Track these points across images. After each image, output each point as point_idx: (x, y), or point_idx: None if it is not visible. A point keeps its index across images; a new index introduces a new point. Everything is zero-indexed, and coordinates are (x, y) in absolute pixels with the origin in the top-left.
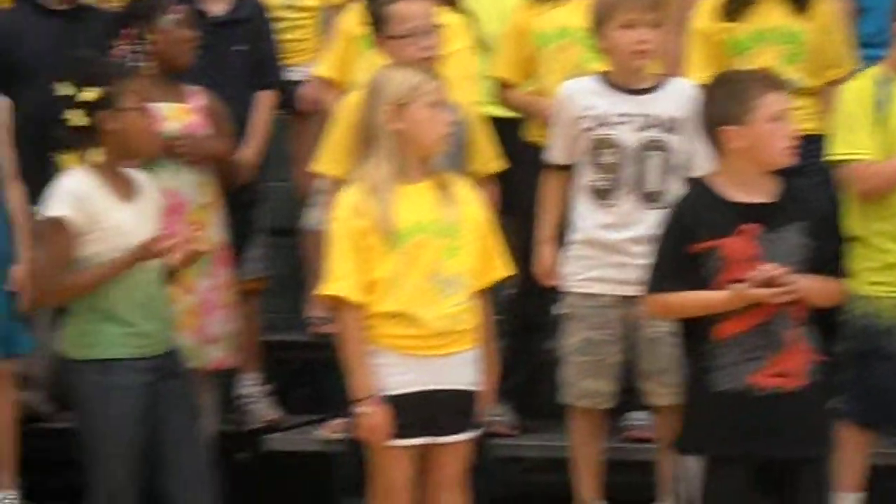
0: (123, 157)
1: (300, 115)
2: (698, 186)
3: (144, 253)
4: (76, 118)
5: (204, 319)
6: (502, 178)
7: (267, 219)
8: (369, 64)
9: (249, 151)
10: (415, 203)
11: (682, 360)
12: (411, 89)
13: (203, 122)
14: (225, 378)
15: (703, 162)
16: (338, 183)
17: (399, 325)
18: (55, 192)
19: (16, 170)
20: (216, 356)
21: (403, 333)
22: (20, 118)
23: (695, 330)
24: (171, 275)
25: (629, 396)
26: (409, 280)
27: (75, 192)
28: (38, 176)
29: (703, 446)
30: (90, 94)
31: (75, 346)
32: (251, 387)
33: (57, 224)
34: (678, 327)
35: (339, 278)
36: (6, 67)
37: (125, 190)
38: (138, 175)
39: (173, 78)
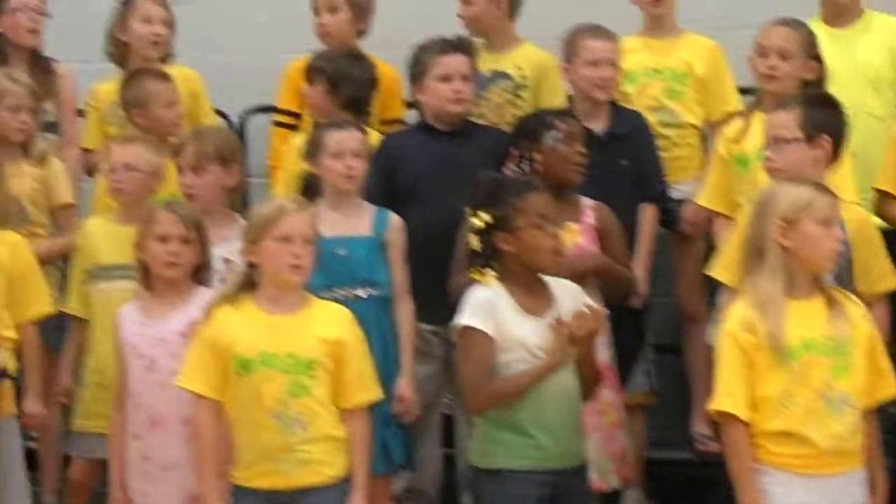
0: (529, 273)
1: (682, 233)
2: None
3: (554, 361)
4: (473, 240)
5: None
6: None
7: (650, 335)
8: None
9: (638, 267)
10: (805, 320)
11: None
12: (803, 205)
13: (591, 241)
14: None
15: None
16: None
17: (788, 444)
18: (466, 303)
19: (407, 286)
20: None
21: (792, 452)
22: (408, 236)
23: None
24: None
25: None
26: (799, 399)
27: (483, 302)
28: (425, 292)
29: None
30: (485, 216)
31: (477, 454)
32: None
33: (469, 332)
34: None
35: (727, 394)
36: (395, 187)
37: (537, 303)
38: (561, 285)
39: (569, 193)
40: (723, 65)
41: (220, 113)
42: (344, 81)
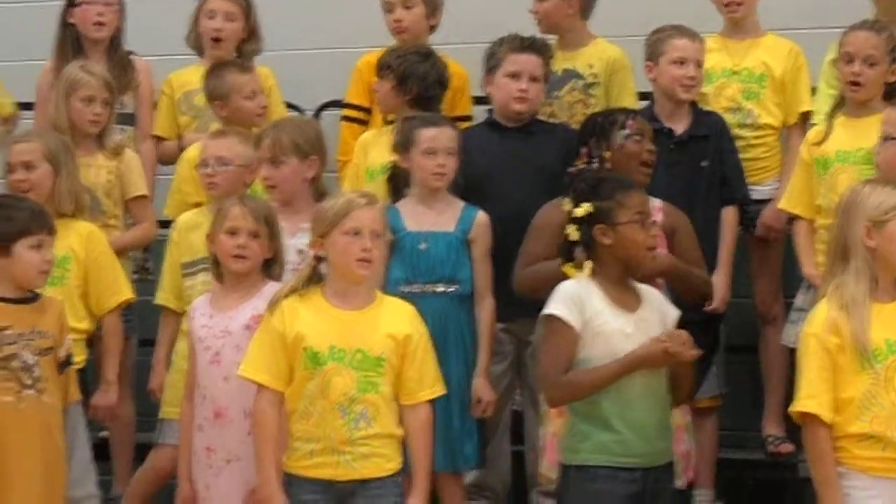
0: (622, 269)
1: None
2: None
3: (642, 363)
4: (572, 232)
5: None
6: None
7: (723, 335)
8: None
9: (720, 271)
10: (889, 322)
11: None
12: (889, 207)
13: (660, 242)
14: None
15: None
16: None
17: (871, 447)
18: (556, 294)
19: (489, 285)
20: None
21: (876, 455)
22: None
23: None
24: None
25: None
26: (883, 401)
27: (573, 295)
28: (494, 289)
29: None
30: (584, 209)
31: (566, 451)
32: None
33: (555, 322)
34: None
35: (811, 395)
36: (464, 183)
37: (626, 300)
38: (645, 288)
39: None
40: (801, 66)
41: (293, 107)
42: (412, 79)
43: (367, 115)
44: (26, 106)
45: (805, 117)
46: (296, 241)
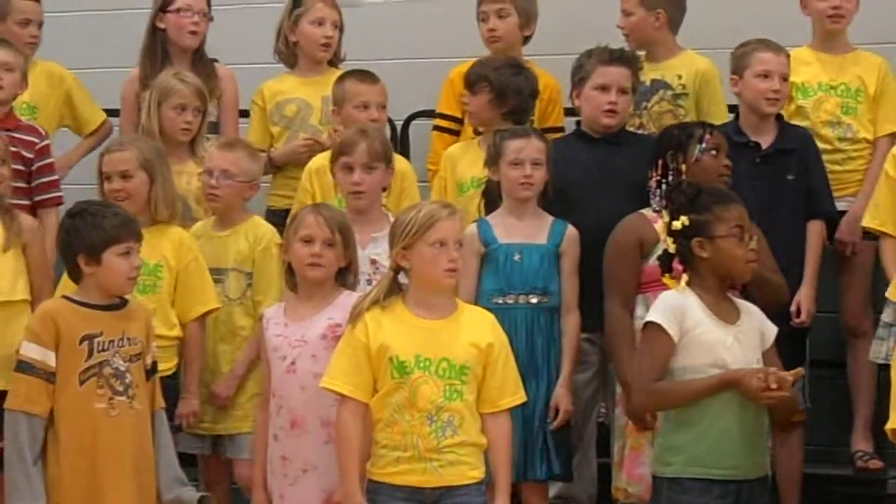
0: (719, 281)
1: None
2: None
3: (736, 386)
4: (669, 243)
5: None
6: None
7: (810, 351)
8: None
9: (806, 284)
10: None
11: None
12: None
13: None
14: None
15: None
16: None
17: None
18: (657, 303)
19: (576, 298)
20: None
21: None
22: None
23: None
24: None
25: None
26: None
27: (673, 305)
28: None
29: None
30: (682, 221)
31: (657, 463)
32: None
33: (655, 330)
34: None
35: None
36: (557, 192)
37: (726, 312)
38: (744, 303)
39: None
40: (890, 83)
41: None
42: (509, 92)
43: (458, 126)
44: (110, 113)
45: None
46: (368, 252)
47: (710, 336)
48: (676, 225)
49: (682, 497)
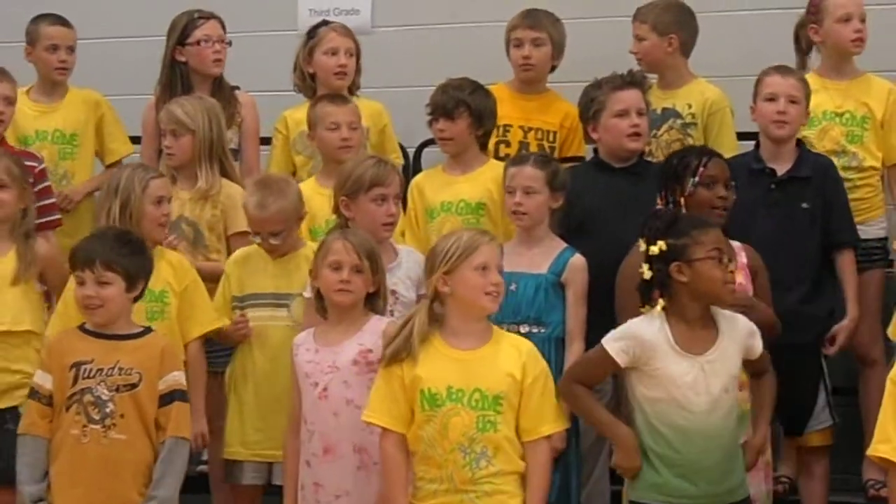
0: (700, 306)
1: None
2: None
3: (614, 439)
4: (645, 269)
5: None
6: None
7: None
8: None
9: (852, 309)
10: None
11: None
12: None
13: (748, 281)
14: None
15: None
16: None
17: None
18: (623, 327)
19: (580, 328)
20: None
21: None
22: None
23: None
24: None
25: None
26: None
27: (631, 334)
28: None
29: None
30: (659, 246)
31: (627, 485)
32: None
33: (604, 351)
34: None
35: (885, 440)
36: (569, 222)
37: (697, 341)
38: (732, 322)
39: None
40: None
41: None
42: (486, 115)
43: None
44: (134, 139)
45: None
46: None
47: (668, 370)
48: (654, 250)
49: None
